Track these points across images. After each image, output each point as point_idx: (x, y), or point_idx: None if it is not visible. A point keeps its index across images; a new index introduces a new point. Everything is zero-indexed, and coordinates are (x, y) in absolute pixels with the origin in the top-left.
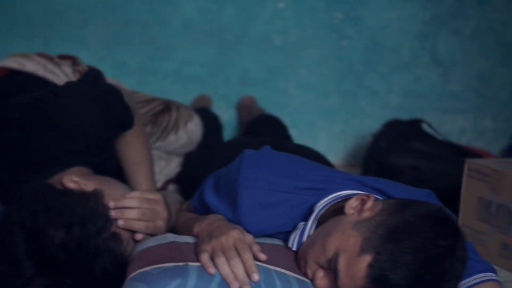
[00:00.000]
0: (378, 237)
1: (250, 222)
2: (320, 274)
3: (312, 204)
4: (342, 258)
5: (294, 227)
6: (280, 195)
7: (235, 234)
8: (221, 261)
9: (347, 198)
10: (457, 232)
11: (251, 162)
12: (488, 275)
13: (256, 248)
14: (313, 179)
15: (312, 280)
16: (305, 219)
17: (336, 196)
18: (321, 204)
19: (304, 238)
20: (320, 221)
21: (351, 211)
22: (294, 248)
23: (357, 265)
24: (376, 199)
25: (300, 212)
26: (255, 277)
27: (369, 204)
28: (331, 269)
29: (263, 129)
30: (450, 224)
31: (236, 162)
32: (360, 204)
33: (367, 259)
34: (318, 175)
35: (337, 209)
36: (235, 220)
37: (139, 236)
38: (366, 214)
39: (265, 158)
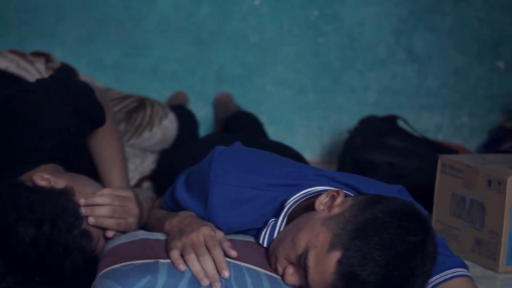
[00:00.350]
0: (347, 233)
1: (221, 219)
2: (290, 270)
3: (283, 200)
4: (311, 255)
5: (265, 224)
6: (251, 191)
7: (205, 231)
8: (191, 257)
9: (318, 194)
10: (427, 228)
11: (222, 158)
12: (459, 271)
13: (226, 244)
14: (285, 175)
15: (283, 276)
16: (276, 215)
17: (307, 192)
18: (292, 200)
19: (275, 234)
20: (291, 218)
21: (321, 207)
22: (265, 245)
23: (326, 262)
24: (347, 195)
25: (271, 208)
26: (225, 273)
27: (339, 200)
28: (301, 265)
29: (239, 126)
30: (420, 220)
31: (207, 159)
32: (330, 200)
33: (336, 255)
34: (289, 171)
35: (307, 205)
36: (206, 217)
37: (110, 234)
38: (336, 210)
39: (236, 155)
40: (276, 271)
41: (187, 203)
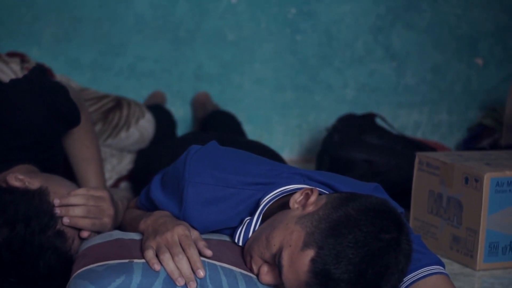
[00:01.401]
0: (320, 231)
1: (195, 218)
2: (265, 269)
3: (258, 199)
4: (285, 253)
5: (240, 222)
6: (225, 190)
7: (180, 230)
8: (166, 257)
9: (293, 192)
10: (401, 225)
11: (197, 158)
12: (435, 268)
13: (201, 244)
14: (259, 174)
15: (257, 275)
16: (251, 214)
17: (281, 190)
18: (267, 199)
19: (250, 233)
20: (266, 216)
21: (296, 205)
22: (240, 243)
23: (300, 260)
24: (321, 193)
25: (246, 207)
26: (200, 273)
27: (313, 198)
28: (276, 264)
29: (217, 125)
30: (393, 217)
31: (182, 158)
32: (304, 198)
33: (310, 253)
34: (264, 169)
35: (282, 204)
36: (181, 216)
37: (84, 234)
38: (310, 208)
39: (210, 154)
40: (251, 270)
41: (162, 203)
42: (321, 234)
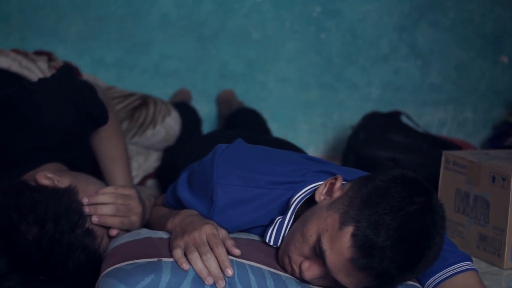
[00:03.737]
0: (354, 207)
1: (225, 219)
2: (306, 265)
3: (287, 198)
4: (324, 238)
5: (271, 222)
6: (254, 191)
7: (208, 229)
8: (194, 256)
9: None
10: (430, 190)
11: (224, 158)
12: (463, 265)
13: (229, 243)
14: (287, 173)
15: (300, 273)
16: (281, 213)
17: (310, 188)
18: (298, 197)
19: (282, 232)
20: (296, 216)
21: (322, 197)
22: (271, 243)
23: (340, 239)
24: (345, 181)
25: (276, 207)
26: (229, 272)
27: (338, 184)
28: (317, 255)
29: (242, 122)
30: (420, 183)
31: (209, 158)
32: (329, 187)
33: (349, 230)
34: (292, 168)
35: (310, 201)
36: (210, 217)
37: (113, 232)
38: (337, 194)
39: (237, 153)
40: (291, 273)
41: (189, 202)
42: (356, 210)
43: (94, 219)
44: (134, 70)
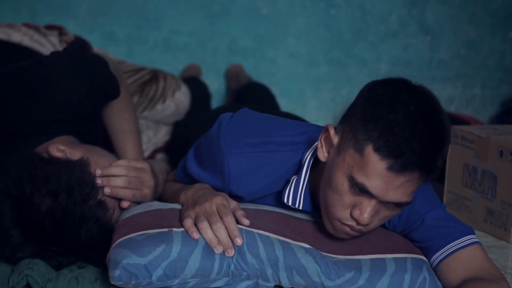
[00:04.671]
0: (359, 132)
1: (241, 188)
2: (357, 212)
3: (298, 160)
4: (355, 174)
5: (286, 183)
6: (264, 155)
7: (218, 200)
8: (204, 226)
9: None
10: (402, 78)
11: (230, 128)
12: (467, 239)
13: (239, 213)
14: (294, 135)
15: (358, 224)
16: (296, 173)
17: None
18: (309, 154)
19: (299, 190)
20: (310, 174)
21: (324, 153)
22: (290, 203)
23: (368, 163)
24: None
25: (288, 169)
26: (238, 241)
27: (332, 131)
28: (359, 194)
29: (251, 97)
30: (391, 78)
31: (215, 129)
32: (326, 141)
33: (369, 150)
34: (298, 131)
35: (316, 162)
36: (226, 188)
37: (125, 204)
38: (335, 139)
39: (243, 121)
40: (351, 231)
41: (200, 176)
42: (362, 131)
43: (106, 190)
44: (144, 45)
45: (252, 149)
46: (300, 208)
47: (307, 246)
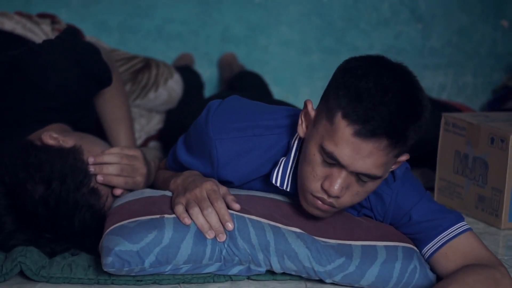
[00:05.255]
0: (331, 101)
1: (230, 172)
2: (327, 183)
3: (286, 142)
4: (326, 143)
5: (274, 165)
6: (253, 139)
7: (208, 186)
8: (195, 211)
9: None
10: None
11: (218, 114)
12: (458, 227)
13: (230, 198)
14: (282, 118)
15: (330, 197)
16: (283, 156)
17: None
18: (297, 136)
19: (288, 171)
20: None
21: (304, 129)
22: (278, 184)
23: (338, 130)
24: None
25: (276, 152)
26: (229, 226)
27: (310, 105)
28: (330, 165)
29: (244, 85)
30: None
31: (203, 116)
32: (305, 117)
33: (338, 117)
34: (285, 114)
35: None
36: (216, 174)
37: (117, 191)
38: (313, 113)
39: (230, 107)
40: (323, 206)
41: (190, 163)
42: (333, 100)
43: (99, 178)
44: (137, 34)
45: (240, 133)
46: (288, 190)
47: (298, 230)
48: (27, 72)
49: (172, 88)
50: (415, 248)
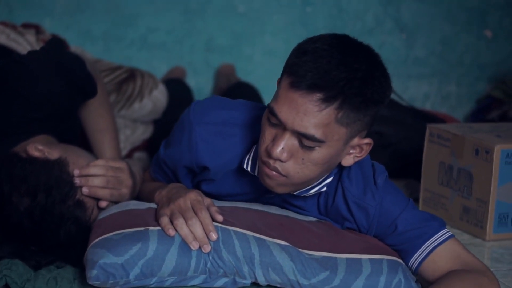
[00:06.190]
0: (284, 67)
1: (207, 156)
2: (270, 144)
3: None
4: (271, 102)
5: (248, 151)
6: (232, 127)
7: (192, 196)
8: (180, 222)
9: None
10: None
11: (201, 103)
12: (441, 235)
13: (213, 209)
14: (262, 109)
15: (270, 153)
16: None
17: None
18: None
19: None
20: None
21: None
22: (249, 169)
23: (280, 88)
24: None
25: (254, 139)
26: (213, 235)
27: (277, 81)
28: (274, 126)
29: (237, 95)
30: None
31: (186, 110)
32: None
33: (283, 77)
34: (263, 106)
35: None
36: (193, 158)
37: (103, 204)
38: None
39: (213, 99)
40: (271, 173)
41: (169, 156)
42: (284, 66)
43: (84, 190)
44: (121, 43)
45: (221, 120)
46: (256, 174)
47: (283, 243)
48: (11, 82)
49: (157, 98)
50: (400, 260)
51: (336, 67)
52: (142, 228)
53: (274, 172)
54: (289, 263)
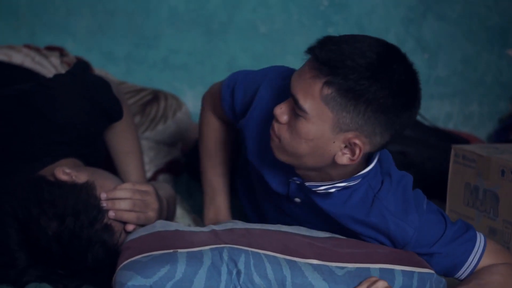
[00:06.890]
0: None
1: (254, 114)
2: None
3: None
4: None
5: None
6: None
7: None
8: None
9: None
10: None
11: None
12: (478, 245)
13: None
14: None
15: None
16: None
17: None
18: None
19: None
20: None
21: None
22: None
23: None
24: None
25: None
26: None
27: None
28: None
29: None
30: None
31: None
32: None
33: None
34: None
35: None
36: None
37: (130, 227)
38: None
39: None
40: (271, 137)
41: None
42: None
43: (111, 213)
44: (143, 64)
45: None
46: None
47: (315, 262)
48: (39, 106)
49: (180, 120)
50: (431, 272)
51: (347, 46)
52: (171, 251)
53: (276, 138)
54: (322, 283)
